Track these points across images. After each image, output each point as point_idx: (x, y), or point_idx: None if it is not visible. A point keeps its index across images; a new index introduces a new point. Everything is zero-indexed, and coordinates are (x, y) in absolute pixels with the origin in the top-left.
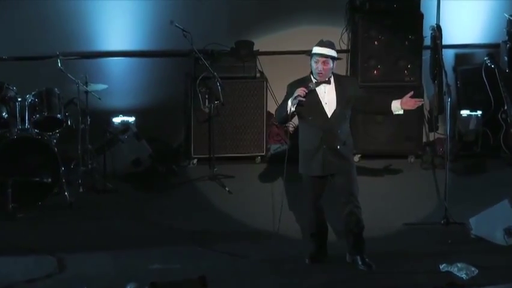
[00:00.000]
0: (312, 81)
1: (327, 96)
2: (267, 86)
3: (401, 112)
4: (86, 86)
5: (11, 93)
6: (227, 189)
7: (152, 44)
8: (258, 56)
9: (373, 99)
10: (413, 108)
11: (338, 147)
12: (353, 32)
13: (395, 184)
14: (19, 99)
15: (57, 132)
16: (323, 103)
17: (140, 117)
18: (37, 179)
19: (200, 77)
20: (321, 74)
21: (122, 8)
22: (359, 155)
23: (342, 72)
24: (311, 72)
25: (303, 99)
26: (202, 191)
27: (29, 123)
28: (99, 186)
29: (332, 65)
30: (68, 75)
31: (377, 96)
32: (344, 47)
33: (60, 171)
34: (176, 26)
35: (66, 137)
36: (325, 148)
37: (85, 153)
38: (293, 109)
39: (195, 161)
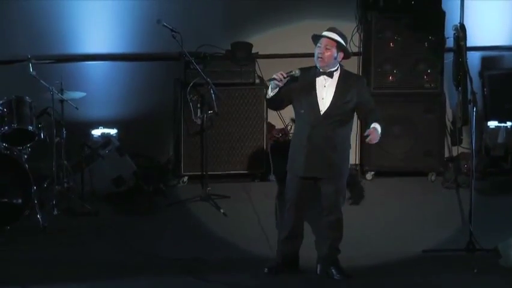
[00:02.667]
0: (313, 69)
1: (326, 91)
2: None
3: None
4: (62, 94)
5: None
6: (222, 211)
7: (137, 46)
8: (257, 60)
9: (374, 112)
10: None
11: (326, 150)
12: (365, 32)
13: (413, 205)
14: None
15: (28, 147)
16: (318, 97)
17: (123, 130)
18: (5, 200)
19: (191, 84)
20: (320, 60)
21: (102, 5)
22: (373, 172)
23: None
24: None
25: (279, 83)
26: (194, 213)
27: None
28: (76, 208)
29: (335, 53)
30: (41, 81)
31: (379, 110)
32: (355, 49)
33: (32, 191)
34: (164, 25)
35: (38, 152)
36: (310, 148)
37: (60, 171)
38: (271, 94)
39: (185, 179)
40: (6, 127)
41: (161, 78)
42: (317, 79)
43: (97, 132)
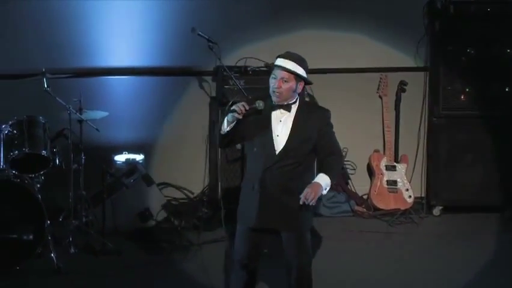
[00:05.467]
0: (268, 100)
1: (282, 126)
2: None
3: None
4: (81, 114)
5: None
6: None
7: (166, 59)
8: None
9: (332, 158)
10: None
11: (281, 196)
12: (432, 44)
13: (486, 247)
14: None
15: (41, 174)
16: (273, 134)
17: (150, 155)
18: (15, 236)
19: (230, 103)
20: (277, 94)
21: (127, 12)
22: (441, 207)
23: (418, 97)
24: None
25: (240, 117)
26: (232, 253)
27: (4, 162)
28: (96, 246)
29: (294, 85)
30: (57, 98)
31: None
32: (421, 64)
33: (46, 226)
34: (199, 34)
35: (53, 181)
36: (262, 193)
37: (78, 203)
38: (227, 129)
39: (224, 212)
40: (16, 152)
41: (195, 96)
42: (272, 113)
43: (120, 158)
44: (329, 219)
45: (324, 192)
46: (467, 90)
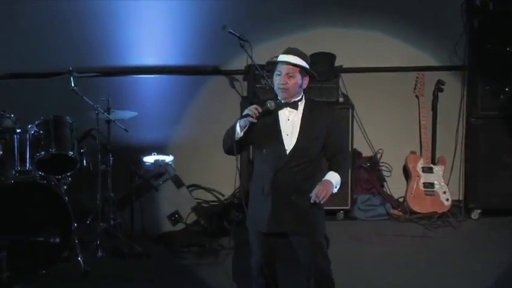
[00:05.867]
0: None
1: (291, 125)
2: (353, 115)
3: None
4: (109, 114)
5: (8, 123)
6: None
7: (197, 58)
8: (341, 74)
9: (341, 157)
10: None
11: (293, 197)
12: (470, 42)
13: None
14: (18, 130)
15: (68, 176)
16: (283, 134)
17: (180, 156)
18: (41, 239)
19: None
20: (284, 90)
21: (156, 10)
22: (479, 211)
23: (456, 97)
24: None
25: (255, 120)
26: None
27: (31, 163)
28: (124, 250)
29: (300, 80)
30: (84, 98)
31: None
32: (459, 62)
33: (72, 229)
34: (230, 32)
35: (80, 182)
36: (274, 195)
37: (106, 205)
38: (241, 134)
39: None
40: (42, 152)
41: (226, 96)
42: (280, 113)
43: (149, 159)
44: (364, 222)
45: (335, 190)
46: (506, 89)
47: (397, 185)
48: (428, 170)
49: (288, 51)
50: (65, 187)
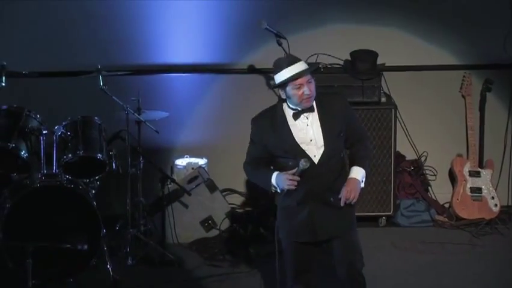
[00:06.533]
0: (279, 111)
1: (312, 129)
2: (396, 115)
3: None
4: (139, 114)
5: (34, 123)
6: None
7: (232, 56)
8: (383, 73)
9: (361, 144)
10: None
11: (332, 199)
12: None
13: None
14: (44, 131)
15: (97, 179)
16: (307, 140)
17: (214, 159)
18: (68, 246)
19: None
20: (310, 99)
21: (189, 6)
22: None
23: (506, 97)
24: (282, 101)
25: (294, 187)
26: None
27: (57, 166)
28: (155, 257)
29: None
30: (113, 98)
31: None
32: (509, 61)
33: (101, 235)
34: (267, 28)
35: (109, 187)
36: (313, 204)
37: (136, 210)
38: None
39: None
40: (70, 155)
41: (262, 96)
42: (297, 121)
43: (182, 162)
44: (407, 229)
45: (363, 185)
46: None
47: (442, 190)
48: (475, 174)
49: (292, 61)
50: (93, 191)
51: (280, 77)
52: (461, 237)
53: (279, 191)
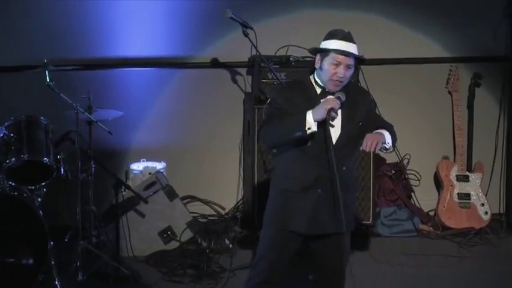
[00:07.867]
0: (310, 87)
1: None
2: None
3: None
4: (90, 113)
5: None
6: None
7: (193, 48)
8: (362, 66)
9: (385, 125)
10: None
11: (341, 193)
12: None
13: None
14: None
15: (43, 186)
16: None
17: (173, 163)
18: (12, 260)
19: (269, 101)
20: (339, 83)
21: None
22: None
23: (496, 93)
24: (310, 74)
25: (336, 115)
26: None
27: None
28: (108, 272)
29: (353, 70)
30: (62, 95)
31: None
32: (499, 53)
33: (48, 248)
34: (232, 18)
35: (57, 194)
36: (320, 193)
37: (87, 220)
38: (315, 129)
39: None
40: (13, 159)
41: (226, 92)
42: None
43: (138, 166)
44: (388, 239)
45: (387, 146)
46: None
47: (427, 196)
48: (463, 178)
49: (347, 38)
50: (40, 199)
51: (327, 44)
52: (447, 249)
53: (315, 128)
